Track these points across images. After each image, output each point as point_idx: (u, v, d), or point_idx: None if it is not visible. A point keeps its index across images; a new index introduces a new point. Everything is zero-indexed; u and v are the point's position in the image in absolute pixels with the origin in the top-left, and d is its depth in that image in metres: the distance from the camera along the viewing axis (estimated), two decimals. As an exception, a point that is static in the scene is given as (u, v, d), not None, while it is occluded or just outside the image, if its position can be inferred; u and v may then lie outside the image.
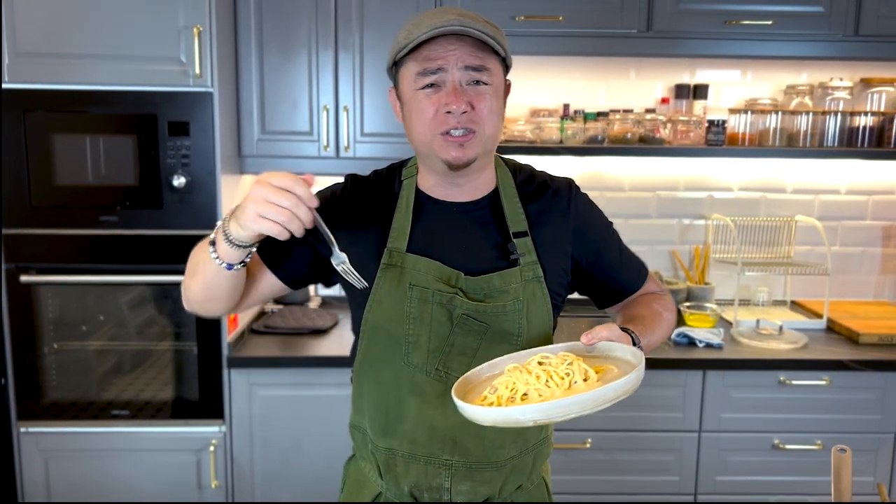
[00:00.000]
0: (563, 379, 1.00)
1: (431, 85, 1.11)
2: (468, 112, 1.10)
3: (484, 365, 1.10)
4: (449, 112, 1.09)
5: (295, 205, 0.97)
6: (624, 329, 1.12)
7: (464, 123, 1.10)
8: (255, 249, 1.08)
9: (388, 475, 1.24)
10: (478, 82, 1.11)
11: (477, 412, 0.95)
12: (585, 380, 1.00)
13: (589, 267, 1.27)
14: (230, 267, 1.07)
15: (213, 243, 1.07)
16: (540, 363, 1.04)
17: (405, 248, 1.18)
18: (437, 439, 1.18)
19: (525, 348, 1.17)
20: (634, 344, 1.11)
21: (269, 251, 1.22)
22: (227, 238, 1.04)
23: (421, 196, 1.23)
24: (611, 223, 1.33)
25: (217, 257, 1.07)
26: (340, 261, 1.08)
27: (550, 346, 1.12)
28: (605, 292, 1.33)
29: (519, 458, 1.23)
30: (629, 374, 0.95)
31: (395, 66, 1.17)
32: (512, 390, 1.00)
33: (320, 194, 1.24)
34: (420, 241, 1.19)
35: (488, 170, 1.23)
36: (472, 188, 1.22)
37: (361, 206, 1.22)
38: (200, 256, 1.13)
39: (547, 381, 1.00)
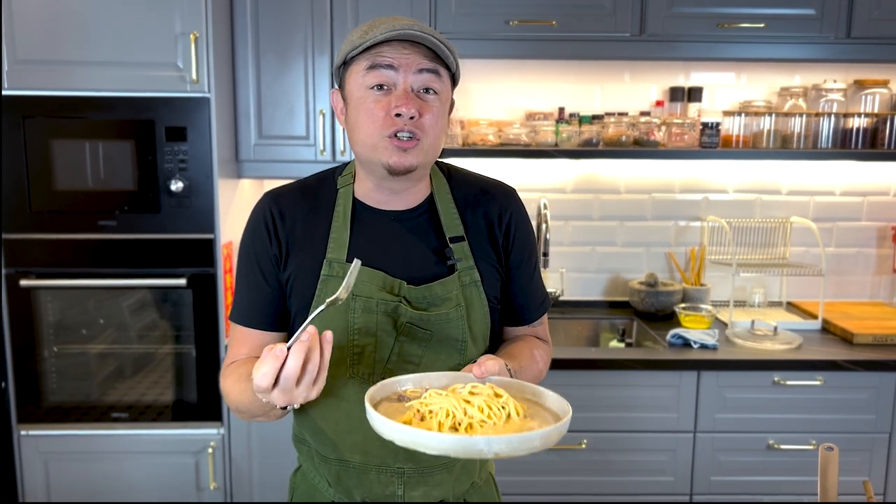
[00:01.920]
0: (500, 412, 0.99)
1: (381, 87, 1.10)
2: (415, 118, 1.09)
3: (389, 380, 1.07)
4: (398, 115, 1.08)
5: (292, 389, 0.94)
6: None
7: (410, 128, 1.09)
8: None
9: (339, 486, 1.23)
10: (428, 90, 1.11)
11: (436, 439, 0.90)
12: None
13: (504, 279, 1.27)
14: (284, 408, 1.03)
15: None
16: (472, 393, 1.01)
17: (345, 258, 1.17)
18: (389, 449, 1.12)
19: (468, 353, 1.18)
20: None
21: (253, 318, 1.21)
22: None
23: (357, 204, 1.21)
24: (535, 247, 1.32)
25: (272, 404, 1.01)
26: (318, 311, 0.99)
27: (452, 374, 1.10)
28: (505, 310, 1.30)
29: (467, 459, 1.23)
30: (566, 416, 0.96)
31: (343, 66, 1.15)
32: (451, 417, 0.97)
33: (252, 225, 1.22)
34: (359, 250, 1.17)
35: (425, 178, 1.24)
36: (408, 195, 1.21)
37: (297, 220, 1.20)
38: (245, 399, 1.10)
39: (489, 413, 0.98)
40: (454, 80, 1.18)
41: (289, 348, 0.92)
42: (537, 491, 2.26)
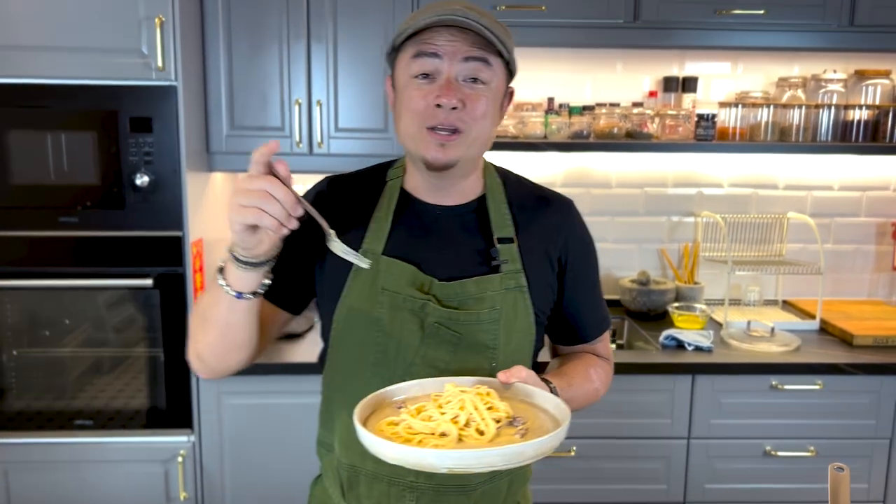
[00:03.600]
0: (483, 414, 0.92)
1: (426, 76, 1.05)
2: (458, 109, 1.04)
3: (405, 384, 1.04)
4: (439, 106, 1.03)
5: (270, 186, 0.91)
6: (545, 380, 1.07)
7: (452, 121, 1.04)
8: (268, 281, 1.02)
9: (351, 494, 1.17)
10: (475, 80, 1.05)
11: (390, 449, 0.85)
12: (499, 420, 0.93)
13: (560, 294, 1.20)
14: (239, 295, 0.99)
15: (220, 270, 1.01)
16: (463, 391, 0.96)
17: (381, 251, 1.12)
18: None
19: (500, 363, 1.09)
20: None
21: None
22: (235, 258, 0.98)
23: (404, 197, 1.17)
24: (595, 261, 1.26)
25: (227, 284, 0.99)
26: (334, 241, 1.02)
27: (460, 379, 1.03)
28: (561, 327, 1.25)
29: (490, 484, 1.14)
30: (556, 430, 0.87)
31: (393, 52, 1.11)
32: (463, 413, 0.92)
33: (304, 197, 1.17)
34: (398, 243, 1.13)
35: (475, 175, 1.18)
36: (458, 192, 1.16)
37: (343, 206, 1.17)
38: (207, 299, 1.06)
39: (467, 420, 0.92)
40: (511, 72, 1.12)
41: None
42: (524, 500, 2.17)
